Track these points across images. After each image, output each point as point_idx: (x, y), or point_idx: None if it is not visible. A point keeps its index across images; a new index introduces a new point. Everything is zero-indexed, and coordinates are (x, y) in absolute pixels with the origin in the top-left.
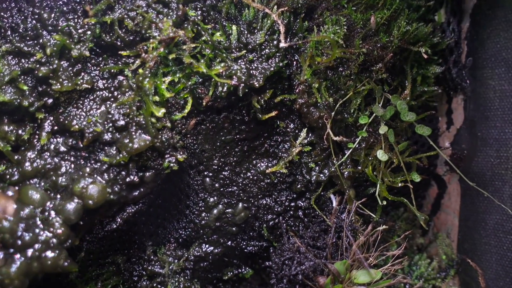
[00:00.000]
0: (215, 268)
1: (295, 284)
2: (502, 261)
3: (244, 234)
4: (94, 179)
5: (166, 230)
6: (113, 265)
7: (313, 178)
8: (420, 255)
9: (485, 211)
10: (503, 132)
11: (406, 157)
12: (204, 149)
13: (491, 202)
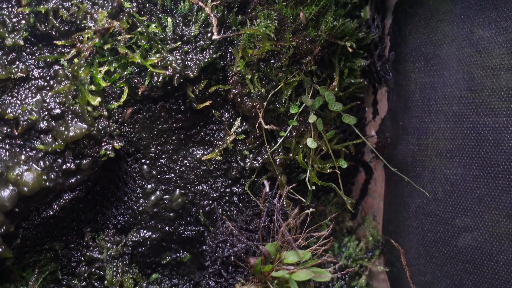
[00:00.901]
0: (154, 252)
1: (228, 265)
2: (423, 241)
3: (181, 219)
4: (29, 166)
5: (104, 217)
6: (51, 251)
7: (247, 165)
8: (349, 237)
9: (408, 195)
10: (423, 121)
11: (334, 145)
12: (141, 137)
13: (413, 187)
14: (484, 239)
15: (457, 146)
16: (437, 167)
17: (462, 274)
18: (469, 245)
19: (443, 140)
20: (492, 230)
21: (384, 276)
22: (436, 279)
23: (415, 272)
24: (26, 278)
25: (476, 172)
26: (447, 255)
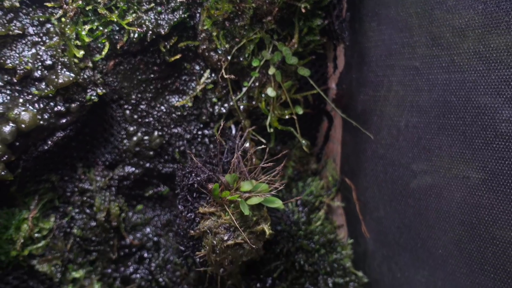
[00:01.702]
0: (137, 186)
1: (193, 192)
2: (376, 181)
3: (160, 157)
4: (26, 107)
5: (94, 155)
6: (48, 182)
7: (215, 111)
8: (313, 177)
9: (364, 140)
10: (376, 75)
11: (292, 94)
12: (123, 86)
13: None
14: (429, 180)
15: (409, 99)
16: (387, 115)
17: (406, 209)
18: (414, 184)
19: (394, 92)
20: (440, 172)
21: (341, 210)
22: (386, 214)
23: (370, 209)
24: (28, 204)
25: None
26: (395, 193)
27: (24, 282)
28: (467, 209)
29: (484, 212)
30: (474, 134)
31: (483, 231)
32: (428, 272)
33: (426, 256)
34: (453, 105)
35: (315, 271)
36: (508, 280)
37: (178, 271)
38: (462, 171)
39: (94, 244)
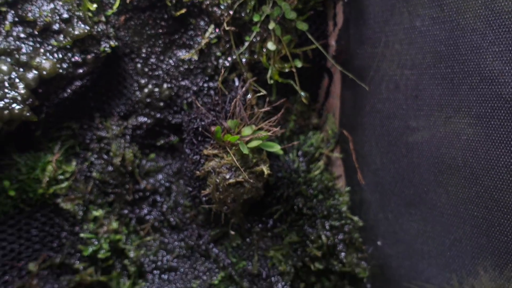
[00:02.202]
0: (149, 135)
1: (198, 136)
2: (374, 134)
3: (169, 108)
4: (47, 57)
5: (110, 106)
6: (69, 129)
7: (219, 64)
8: (314, 131)
9: (363, 96)
10: (374, 32)
11: (292, 48)
12: (134, 40)
13: (369, 90)
14: (422, 129)
15: (404, 52)
16: (384, 70)
17: (401, 159)
18: (408, 135)
19: (390, 47)
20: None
21: (340, 162)
22: (383, 165)
23: (368, 162)
24: (52, 148)
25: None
26: (391, 144)
27: (50, 219)
28: (454, 153)
29: (469, 154)
30: (461, 80)
31: (468, 173)
32: (420, 217)
33: (418, 202)
34: (443, 55)
35: (313, 214)
36: (489, 216)
37: (188, 213)
38: (450, 117)
39: (112, 187)
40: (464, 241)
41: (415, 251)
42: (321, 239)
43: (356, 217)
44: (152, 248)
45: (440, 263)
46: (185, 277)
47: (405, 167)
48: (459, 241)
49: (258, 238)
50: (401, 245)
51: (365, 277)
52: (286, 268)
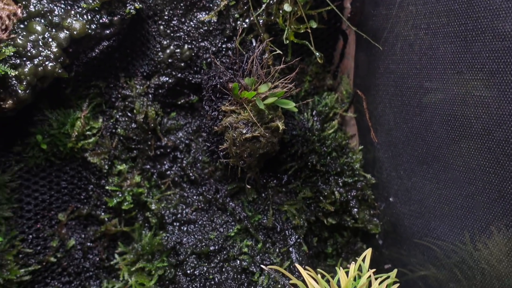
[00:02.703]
0: (171, 95)
1: (216, 93)
2: (387, 95)
3: (190, 69)
4: (77, 18)
5: (134, 66)
6: (97, 88)
7: (238, 26)
8: (329, 92)
9: (377, 58)
10: None
11: (307, 10)
12: (157, 3)
13: (383, 52)
14: (435, 88)
15: (417, 12)
16: (398, 32)
17: (414, 118)
18: (421, 94)
19: (404, 8)
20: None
21: (353, 121)
22: (396, 125)
23: (381, 122)
24: (80, 106)
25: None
26: (405, 104)
27: (78, 173)
28: (467, 110)
29: (481, 110)
30: (474, 38)
31: (480, 129)
32: (433, 175)
33: (430, 160)
34: (456, 13)
35: (326, 171)
36: (501, 171)
37: (206, 169)
38: (462, 73)
39: (135, 143)
40: (476, 197)
41: (427, 208)
42: (334, 195)
43: (369, 175)
44: (172, 201)
45: (452, 220)
46: (203, 229)
47: (418, 125)
48: (471, 197)
49: (273, 193)
50: (413, 203)
51: (377, 233)
52: (299, 222)
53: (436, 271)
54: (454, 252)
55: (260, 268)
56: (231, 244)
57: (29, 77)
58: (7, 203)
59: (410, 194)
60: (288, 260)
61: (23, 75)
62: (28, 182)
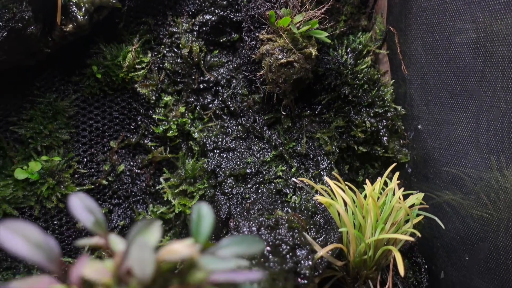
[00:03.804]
0: (214, 32)
1: (255, 23)
2: (420, 33)
3: (231, 7)
4: None
5: (181, 6)
6: (146, 25)
7: None
8: (363, 32)
9: None
10: None
11: None
12: None
13: None
14: (470, 28)
15: None
16: None
17: (445, 53)
18: (455, 31)
19: None
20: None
21: (386, 59)
22: (427, 61)
23: (413, 60)
24: (131, 40)
25: None
26: (436, 40)
27: (129, 104)
28: (494, 42)
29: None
30: None
31: (506, 52)
32: (461, 106)
33: (459, 91)
34: None
35: (358, 103)
36: None
37: (245, 102)
38: (496, 12)
39: (180, 77)
40: (501, 120)
41: (455, 138)
42: (365, 124)
43: (400, 107)
44: (213, 131)
45: (478, 147)
46: (241, 156)
47: (448, 59)
48: (497, 120)
49: (307, 122)
50: (442, 135)
51: (406, 163)
52: (331, 148)
53: (463, 197)
54: (480, 178)
55: (293, 189)
56: (266, 168)
57: (87, 4)
58: (65, 127)
59: (440, 127)
60: (319, 183)
61: (82, 3)
62: (84, 110)
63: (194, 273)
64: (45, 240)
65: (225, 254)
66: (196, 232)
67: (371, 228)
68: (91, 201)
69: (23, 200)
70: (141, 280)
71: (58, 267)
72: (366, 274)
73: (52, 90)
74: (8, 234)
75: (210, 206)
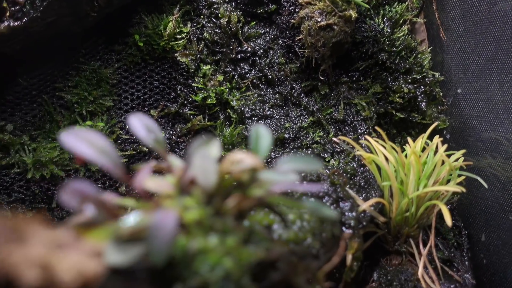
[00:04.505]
0: (251, 3)
1: None
2: (459, 3)
3: None
4: None
5: None
6: None
7: None
8: (399, 2)
9: None
10: None
11: None
12: None
13: None
14: None
15: None
16: None
17: (484, 20)
18: (494, 6)
19: None
20: None
21: (423, 27)
22: (465, 29)
23: (451, 29)
24: (172, 11)
25: None
26: (474, 6)
27: (169, 74)
28: None
29: None
30: None
31: None
32: (502, 70)
33: (500, 55)
34: None
35: (395, 69)
36: None
37: (283, 71)
38: None
39: (219, 47)
40: None
41: (495, 103)
42: (402, 90)
43: (437, 73)
44: (251, 100)
45: None
46: (279, 122)
47: (488, 25)
48: None
49: (344, 89)
50: (481, 100)
51: (445, 129)
52: (369, 114)
53: (503, 162)
54: None
55: (331, 153)
56: (304, 134)
57: None
58: (108, 95)
59: (478, 94)
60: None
61: None
62: (126, 79)
63: (255, 185)
64: (109, 146)
65: (285, 168)
66: (255, 148)
67: (414, 185)
68: (150, 120)
69: (69, 163)
70: (204, 188)
71: (122, 172)
72: (408, 232)
73: (96, 58)
74: (75, 140)
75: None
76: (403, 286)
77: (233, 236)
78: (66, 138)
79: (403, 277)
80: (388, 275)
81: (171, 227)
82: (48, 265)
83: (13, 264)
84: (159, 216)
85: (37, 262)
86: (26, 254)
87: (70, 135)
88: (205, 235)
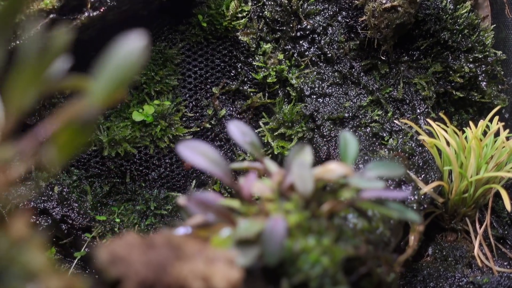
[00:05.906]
0: None
1: None
2: None
3: None
4: None
5: None
6: None
7: None
8: None
9: None
10: None
11: None
12: None
13: None
14: None
15: None
16: None
17: None
18: None
19: None
20: None
21: (487, 3)
22: None
23: None
24: None
25: None
26: None
27: (230, 52)
28: None
29: None
30: None
31: None
32: None
33: None
34: None
35: (457, 48)
36: None
37: (342, 49)
38: None
39: (279, 25)
40: None
41: None
42: (463, 70)
43: (500, 52)
44: (310, 77)
45: None
46: (338, 101)
47: None
48: None
49: (404, 68)
50: None
51: (504, 108)
52: (428, 93)
53: None
54: None
55: (389, 132)
56: (363, 113)
57: None
58: (173, 74)
59: None
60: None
61: None
62: (189, 58)
63: (346, 190)
64: (219, 156)
65: (371, 175)
66: (344, 155)
67: (474, 168)
68: (246, 127)
69: (140, 140)
70: (302, 194)
71: (231, 180)
72: (464, 212)
73: (162, 39)
74: (189, 152)
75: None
76: (458, 261)
77: (327, 236)
78: (183, 151)
79: (458, 253)
80: (443, 250)
81: (282, 232)
82: (208, 277)
83: (183, 277)
84: (271, 222)
85: (200, 275)
86: (191, 268)
87: (186, 149)
88: (305, 237)
